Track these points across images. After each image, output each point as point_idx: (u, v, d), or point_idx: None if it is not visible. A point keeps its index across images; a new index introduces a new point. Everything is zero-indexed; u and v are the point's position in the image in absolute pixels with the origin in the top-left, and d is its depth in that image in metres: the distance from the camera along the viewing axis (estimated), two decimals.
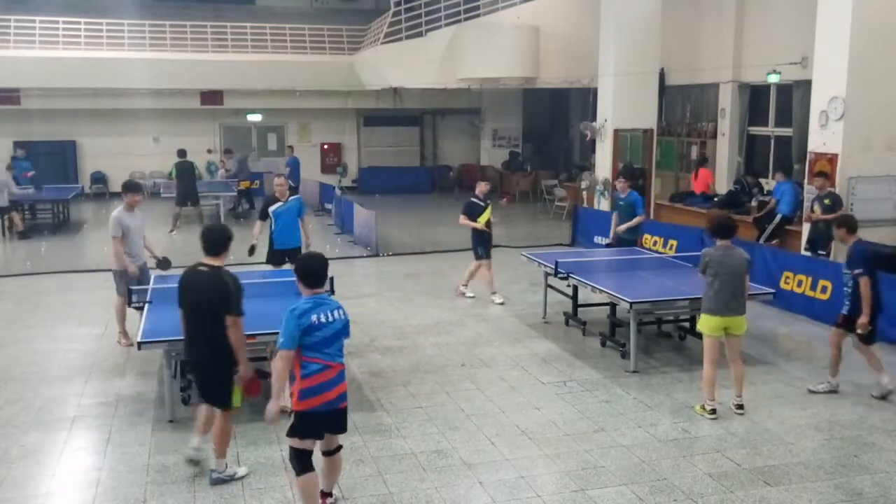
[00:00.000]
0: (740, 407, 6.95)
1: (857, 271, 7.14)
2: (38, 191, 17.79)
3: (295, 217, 9.88)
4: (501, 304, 10.72)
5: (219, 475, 5.71)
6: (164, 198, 18.74)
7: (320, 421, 4.97)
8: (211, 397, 5.77)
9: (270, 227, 9.88)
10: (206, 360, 5.66)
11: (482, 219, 10.72)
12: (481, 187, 10.85)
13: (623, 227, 10.76)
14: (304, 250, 9.76)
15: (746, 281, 6.94)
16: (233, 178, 19.52)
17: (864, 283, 7.10)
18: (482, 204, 10.77)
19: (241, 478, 5.77)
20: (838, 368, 7.49)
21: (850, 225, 7.41)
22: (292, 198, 9.98)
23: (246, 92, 22.15)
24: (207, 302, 5.57)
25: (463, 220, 10.78)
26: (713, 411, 6.87)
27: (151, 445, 6.31)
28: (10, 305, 10.96)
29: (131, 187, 9.01)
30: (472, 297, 11.03)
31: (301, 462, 5.00)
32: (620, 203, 10.85)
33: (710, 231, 7.08)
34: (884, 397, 7.25)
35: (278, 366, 4.91)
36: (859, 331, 7.16)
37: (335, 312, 5.01)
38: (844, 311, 7.37)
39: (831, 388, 7.43)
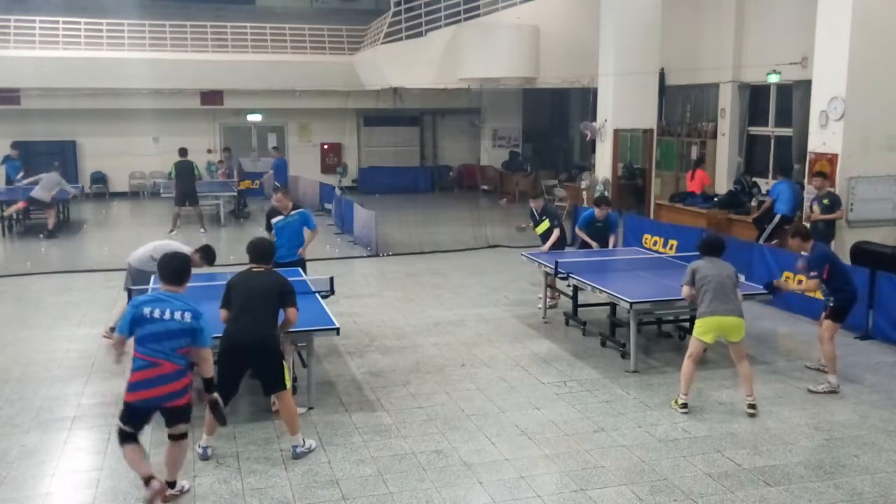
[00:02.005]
0: (752, 407, 6.91)
1: (812, 274, 7.50)
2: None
3: (297, 233, 9.49)
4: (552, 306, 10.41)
5: (302, 450, 6.10)
6: (164, 198, 18.74)
7: (144, 414, 5.15)
8: (274, 384, 6.07)
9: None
10: (268, 348, 5.98)
11: (537, 230, 10.94)
12: (532, 202, 11.06)
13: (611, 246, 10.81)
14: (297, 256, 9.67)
15: (738, 293, 7.07)
16: (230, 179, 19.50)
17: (815, 284, 7.55)
18: (536, 216, 10.94)
19: (313, 450, 6.16)
20: (836, 365, 7.52)
21: (803, 233, 7.72)
22: (295, 212, 9.53)
23: (246, 92, 22.14)
24: (269, 297, 6.05)
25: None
26: (684, 405, 6.94)
27: (151, 445, 6.30)
28: (10, 305, 10.97)
29: (211, 258, 8.25)
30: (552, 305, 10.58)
31: (120, 438, 5.24)
32: (598, 224, 10.69)
33: (700, 248, 7.33)
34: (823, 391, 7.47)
35: (113, 345, 5.27)
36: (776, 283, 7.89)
37: (176, 313, 5.05)
38: (831, 303, 7.58)
39: (831, 388, 7.43)
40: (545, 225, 10.87)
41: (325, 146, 24.87)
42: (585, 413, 6.97)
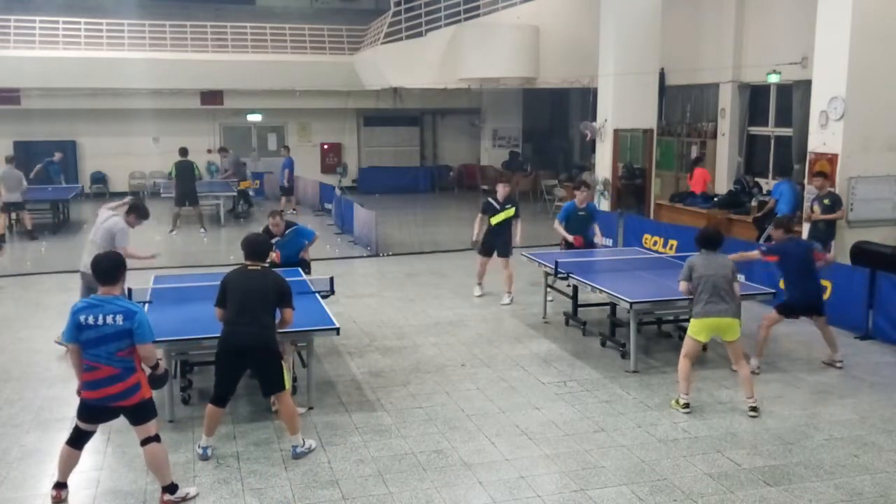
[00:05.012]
0: (754, 409, 6.92)
1: (762, 248, 7.95)
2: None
3: (296, 246, 9.50)
4: (479, 295, 11.16)
5: (302, 450, 6.10)
6: (164, 198, 18.74)
7: (95, 412, 5.27)
8: (273, 385, 6.07)
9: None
10: (267, 348, 5.96)
11: (495, 219, 10.83)
12: (501, 188, 11.00)
13: (599, 239, 10.89)
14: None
15: (736, 287, 7.08)
16: (232, 179, 19.49)
17: (754, 254, 8.03)
18: (497, 206, 10.84)
19: (313, 450, 6.17)
20: (763, 350, 8.02)
21: (784, 227, 8.03)
22: (289, 231, 9.49)
23: (246, 92, 22.15)
24: (267, 297, 6.00)
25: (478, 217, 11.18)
26: (686, 405, 6.96)
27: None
28: (10, 305, 10.97)
29: (143, 214, 8.70)
30: (480, 295, 11.24)
31: (71, 435, 5.43)
32: (580, 213, 10.73)
33: (698, 240, 7.31)
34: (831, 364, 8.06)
35: (70, 357, 5.35)
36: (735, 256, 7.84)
37: (109, 317, 5.08)
38: (784, 298, 7.94)
39: (751, 369, 7.59)
40: (509, 213, 10.81)
41: (325, 146, 24.88)
42: (585, 413, 6.98)
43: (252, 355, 5.96)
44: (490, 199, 11.00)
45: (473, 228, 11.11)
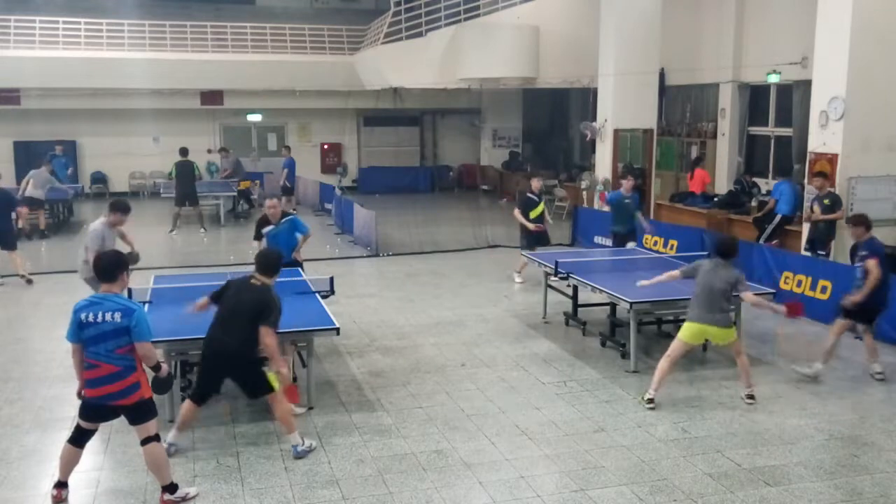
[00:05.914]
0: (751, 397, 7.08)
1: (862, 253, 7.62)
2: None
3: (289, 239, 9.28)
4: (521, 283, 11.75)
5: (303, 449, 6.10)
6: (164, 198, 18.76)
7: (97, 410, 5.29)
8: (255, 390, 6.11)
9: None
10: (242, 358, 5.95)
11: (534, 213, 11.63)
12: (535, 184, 11.91)
13: (646, 225, 11.67)
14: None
15: (748, 296, 7.06)
16: (231, 179, 19.51)
17: (874, 265, 7.45)
18: (536, 198, 11.76)
19: (314, 450, 6.16)
20: (829, 358, 7.81)
21: (868, 223, 7.91)
22: (284, 220, 9.29)
23: (246, 92, 22.16)
24: (250, 313, 5.90)
25: (516, 214, 11.85)
26: (651, 401, 7.04)
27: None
28: (10, 305, 10.97)
29: (122, 208, 8.63)
30: (521, 282, 11.85)
31: (73, 434, 5.45)
32: (626, 201, 11.07)
33: (715, 248, 7.34)
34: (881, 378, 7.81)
35: (72, 357, 5.38)
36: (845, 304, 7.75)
37: (108, 314, 5.14)
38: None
39: (813, 373, 7.68)
40: (543, 206, 11.73)
41: (325, 146, 24.90)
42: (585, 413, 6.98)
43: (228, 363, 6.03)
44: (528, 195, 11.86)
45: (525, 223, 11.67)
